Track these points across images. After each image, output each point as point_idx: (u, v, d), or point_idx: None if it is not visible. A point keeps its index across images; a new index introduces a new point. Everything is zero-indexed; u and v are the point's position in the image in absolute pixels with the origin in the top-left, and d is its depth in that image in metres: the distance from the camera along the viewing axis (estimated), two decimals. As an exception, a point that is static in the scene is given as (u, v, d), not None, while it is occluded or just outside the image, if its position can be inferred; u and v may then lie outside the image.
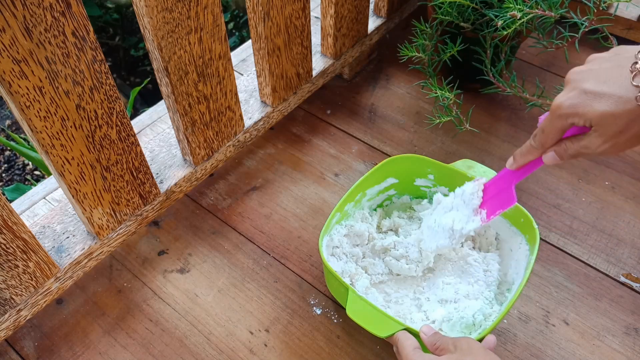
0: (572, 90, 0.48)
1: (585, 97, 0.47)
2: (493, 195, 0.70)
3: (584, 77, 0.48)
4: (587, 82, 0.47)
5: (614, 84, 0.45)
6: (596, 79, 0.47)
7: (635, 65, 0.44)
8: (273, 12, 0.80)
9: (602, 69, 0.47)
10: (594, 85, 0.46)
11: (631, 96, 0.44)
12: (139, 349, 0.76)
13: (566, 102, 0.48)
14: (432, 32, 0.93)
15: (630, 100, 0.44)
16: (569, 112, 0.48)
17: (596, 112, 0.46)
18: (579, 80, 0.48)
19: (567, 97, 0.48)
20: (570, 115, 0.49)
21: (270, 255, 0.86)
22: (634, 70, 0.44)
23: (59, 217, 0.77)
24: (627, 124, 0.46)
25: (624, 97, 0.45)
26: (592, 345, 0.75)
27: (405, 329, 0.62)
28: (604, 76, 0.47)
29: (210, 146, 0.85)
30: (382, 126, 1.04)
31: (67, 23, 0.55)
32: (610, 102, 0.45)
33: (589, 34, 0.85)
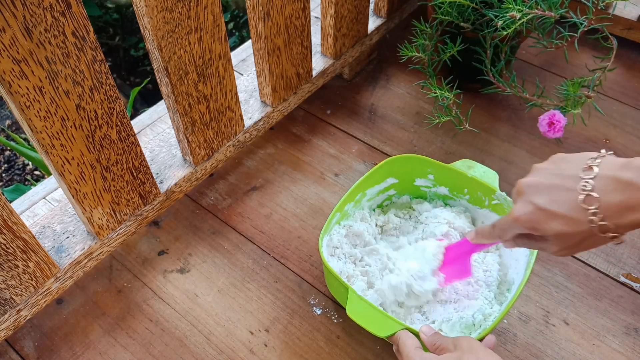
0: (527, 205, 0.51)
1: (540, 214, 0.49)
2: (452, 260, 0.71)
3: (536, 191, 0.50)
4: (539, 197, 0.50)
5: (564, 205, 0.48)
6: (548, 196, 0.49)
7: (584, 189, 0.46)
8: (273, 12, 0.80)
9: (551, 186, 0.49)
10: (546, 202, 0.49)
11: (583, 219, 0.47)
12: (139, 349, 0.76)
13: (524, 217, 0.51)
14: (432, 32, 0.93)
15: (583, 222, 0.47)
16: (527, 226, 0.51)
17: (552, 231, 0.49)
18: (532, 193, 0.50)
19: (524, 212, 0.51)
20: (528, 228, 0.52)
21: (270, 255, 0.86)
22: (582, 192, 0.46)
23: (59, 217, 0.77)
24: (581, 240, 0.49)
25: (575, 218, 0.47)
26: (592, 345, 0.75)
27: (405, 328, 0.62)
28: (554, 195, 0.49)
29: (210, 146, 0.85)
30: (382, 126, 1.04)
31: (67, 23, 0.55)
32: (563, 223, 0.48)
33: (588, 34, 0.85)
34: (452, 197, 0.84)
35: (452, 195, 0.84)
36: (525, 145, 1.00)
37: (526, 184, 0.52)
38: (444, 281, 0.71)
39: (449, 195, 0.84)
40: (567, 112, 0.87)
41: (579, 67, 1.12)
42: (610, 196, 0.45)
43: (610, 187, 0.45)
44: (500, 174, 0.81)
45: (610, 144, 1.00)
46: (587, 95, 0.86)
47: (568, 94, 0.86)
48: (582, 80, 0.86)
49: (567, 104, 0.87)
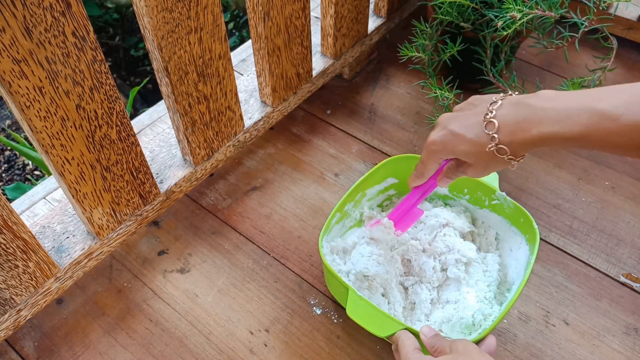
0: (442, 130, 0.59)
1: (452, 137, 0.57)
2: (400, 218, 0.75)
3: (450, 119, 0.58)
4: (452, 124, 0.58)
5: (471, 130, 0.56)
6: (459, 122, 0.57)
7: (486, 116, 0.54)
8: (273, 12, 0.80)
9: (464, 115, 0.58)
10: (458, 127, 0.57)
11: (484, 141, 0.55)
12: (139, 349, 0.76)
13: (437, 140, 0.59)
14: (432, 32, 0.93)
15: (485, 144, 0.55)
16: (440, 148, 0.59)
17: (460, 151, 0.58)
18: (447, 122, 0.58)
19: (438, 135, 0.59)
20: (441, 150, 0.59)
21: (270, 255, 0.86)
22: (485, 120, 0.54)
23: (59, 217, 0.77)
24: (487, 162, 0.57)
25: (478, 141, 0.55)
26: (592, 345, 0.75)
27: (405, 329, 0.62)
28: (464, 121, 0.57)
29: (210, 146, 0.85)
30: (382, 126, 1.04)
31: (67, 23, 0.55)
32: (469, 145, 0.56)
33: (588, 34, 0.85)
34: (452, 197, 0.84)
35: (452, 195, 0.84)
36: (525, 145, 1.00)
37: (444, 116, 0.60)
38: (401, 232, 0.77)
39: (449, 195, 0.84)
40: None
41: (579, 67, 1.12)
42: (507, 119, 0.53)
43: (508, 111, 0.53)
44: (500, 174, 0.81)
45: (610, 144, 1.00)
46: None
47: (568, 94, 0.86)
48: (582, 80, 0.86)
49: (567, 104, 0.87)
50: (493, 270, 0.76)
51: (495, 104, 0.55)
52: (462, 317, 0.70)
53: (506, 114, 0.53)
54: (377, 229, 0.77)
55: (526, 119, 0.52)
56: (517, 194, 0.92)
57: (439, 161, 0.62)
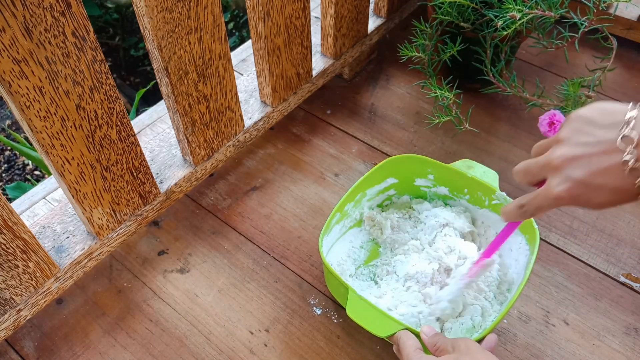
0: (566, 181, 0.48)
1: (585, 189, 0.47)
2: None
3: (571, 164, 0.47)
4: (578, 171, 0.47)
5: (609, 177, 0.45)
6: (588, 168, 0.46)
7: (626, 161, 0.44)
8: (273, 12, 0.80)
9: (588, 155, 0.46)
10: (587, 175, 0.46)
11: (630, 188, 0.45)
12: (139, 349, 0.76)
13: (566, 194, 0.48)
14: (432, 32, 0.93)
15: (628, 192, 0.45)
16: (570, 203, 0.49)
17: (598, 204, 0.47)
18: (568, 167, 0.48)
19: (567, 189, 0.48)
20: (571, 204, 0.49)
21: (270, 255, 0.86)
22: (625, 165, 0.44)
23: (59, 217, 0.77)
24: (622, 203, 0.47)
25: (621, 189, 0.45)
26: (592, 345, 0.75)
27: (405, 329, 0.62)
28: (594, 165, 0.46)
29: (210, 146, 0.85)
30: (382, 126, 1.04)
31: (67, 23, 0.55)
32: (610, 194, 0.46)
33: (588, 34, 0.85)
34: (452, 197, 0.84)
35: (452, 195, 0.84)
36: (525, 145, 1.00)
37: (561, 156, 0.48)
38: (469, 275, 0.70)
39: (449, 195, 0.84)
40: (568, 112, 0.87)
41: (579, 67, 1.12)
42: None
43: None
44: (500, 174, 0.81)
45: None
46: (588, 95, 0.86)
47: (568, 94, 0.86)
48: (582, 80, 0.86)
49: (567, 104, 0.87)
50: (493, 270, 0.76)
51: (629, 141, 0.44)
52: (462, 323, 0.70)
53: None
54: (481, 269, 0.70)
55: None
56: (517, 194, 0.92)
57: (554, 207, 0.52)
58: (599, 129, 0.47)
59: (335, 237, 0.80)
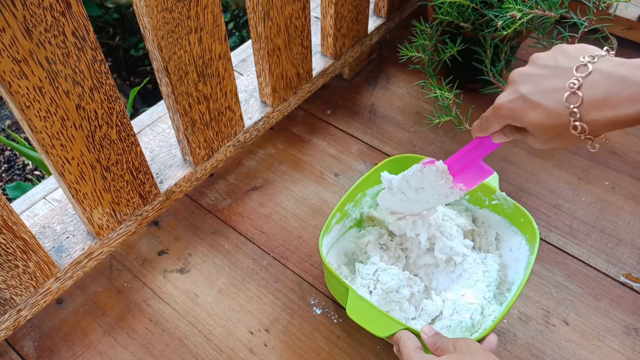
0: (513, 93, 0.50)
1: (523, 104, 0.49)
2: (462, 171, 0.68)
3: (525, 80, 0.50)
4: (527, 86, 0.49)
5: (548, 97, 0.47)
6: (535, 86, 0.48)
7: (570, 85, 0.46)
8: (273, 12, 0.80)
9: (541, 77, 0.49)
10: (532, 92, 0.48)
11: (561, 115, 0.46)
12: (139, 349, 0.76)
13: (506, 105, 0.51)
14: (432, 32, 0.93)
15: (561, 116, 0.46)
16: (507, 114, 0.51)
17: (530, 121, 0.49)
18: (520, 82, 0.50)
19: (508, 99, 0.51)
20: (508, 117, 0.51)
21: (270, 255, 0.86)
22: (568, 89, 0.46)
23: (59, 217, 0.77)
24: (555, 136, 0.49)
25: (555, 112, 0.47)
26: (592, 345, 0.75)
27: (405, 329, 0.62)
28: (542, 84, 0.48)
29: (210, 146, 0.85)
30: (382, 126, 1.04)
31: (67, 23, 0.55)
32: (542, 116, 0.48)
33: (588, 34, 0.85)
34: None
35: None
36: (525, 145, 1.00)
37: (518, 72, 0.51)
38: (466, 188, 0.69)
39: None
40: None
41: (579, 67, 1.12)
42: (595, 93, 0.44)
43: (598, 83, 0.44)
44: (500, 173, 0.81)
45: (610, 144, 1.00)
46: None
47: (568, 94, 0.86)
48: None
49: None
50: (493, 270, 0.76)
51: (584, 69, 0.45)
52: (460, 322, 0.70)
53: (595, 85, 0.44)
54: (428, 170, 0.68)
55: (618, 94, 0.43)
56: (517, 194, 0.92)
57: (503, 124, 0.54)
58: (564, 57, 0.49)
59: (335, 237, 0.80)
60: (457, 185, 0.69)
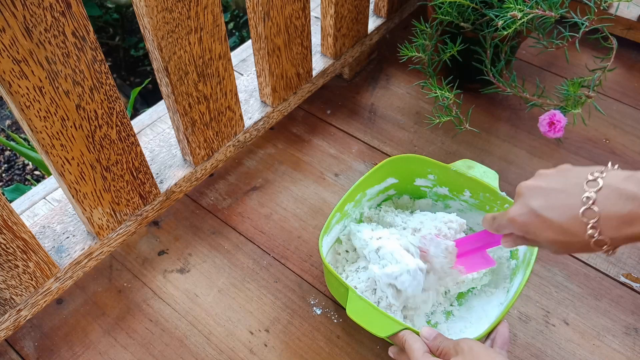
0: (523, 207, 0.50)
1: (536, 220, 0.49)
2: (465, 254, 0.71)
3: (533, 194, 0.50)
4: (537, 201, 0.49)
5: (563, 214, 0.47)
6: (545, 200, 0.48)
7: (585, 200, 0.45)
8: (273, 12, 0.80)
9: (551, 191, 0.48)
10: (543, 208, 0.48)
11: (580, 231, 0.46)
12: (139, 349, 0.76)
13: (519, 219, 0.51)
14: (432, 32, 0.93)
15: (579, 234, 0.46)
16: (521, 230, 0.51)
17: (545, 239, 0.49)
18: (530, 196, 0.50)
19: (520, 214, 0.50)
20: (522, 232, 0.51)
21: (270, 255, 0.86)
22: (583, 205, 0.45)
23: (59, 217, 0.77)
24: (573, 249, 0.48)
25: (571, 229, 0.46)
26: (592, 345, 0.75)
27: (406, 329, 0.62)
28: (553, 199, 0.48)
29: (210, 146, 0.85)
30: (382, 126, 1.04)
31: (67, 23, 0.55)
32: (558, 232, 0.47)
33: (589, 34, 0.85)
34: (452, 197, 0.84)
35: (452, 195, 0.84)
36: (525, 145, 1.00)
37: (526, 186, 0.51)
38: (465, 271, 0.72)
39: (448, 195, 0.84)
40: (568, 112, 0.87)
41: (579, 67, 1.12)
42: (611, 209, 0.44)
43: (611, 200, 0.44)
44: (500, 174, 0.81)
45: (610, 144, 1.00)
46: (587, 95, 0.86)
47: (568, 94, 0.86)
48: (582, 80, 0.86)
49: (567, 104, 0.87)
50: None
51: (594, 184, 0.45)
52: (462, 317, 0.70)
53: (608, 201, 0.44)
54: (437, 243, 0.71)
55: (632, 211, 0.43)
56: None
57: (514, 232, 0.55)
58: (572, 172, 0.49)
59: (335, 237, 0.80)
60: (458, 267, 0.71)
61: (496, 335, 0.62)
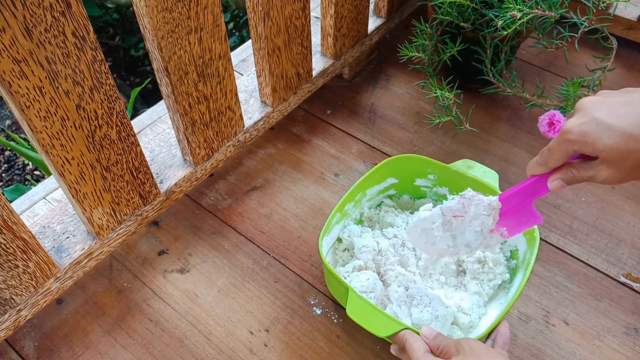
0: (583, 117, 0.47)
1: (597, 128, 0.46)
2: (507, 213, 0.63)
3: (597, 106, 0.47)
4: (600, 112, 0.46)
5: (625, 120, 0.45)
6: (609, 111, 0.46)
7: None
8: (273, 12, 0.80)
9: (614, 102, 0.47)
10: (606, 116, 0.46)
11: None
12: (139, 349, 0.76)
13: (577, 128, 0.48)
14: (432, 32, 0.93)
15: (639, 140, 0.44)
16: (578, 139, 0.48)
17: (606, 146, 0.46)
18: (591, 108, 0.47)
19: (579, 123, 0.47)
20: (578, 142, 0.48)
21: (270, 255, 0.86)
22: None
23: (59, 217, 0.77)
24: (635, 162, 0.46)
25: (635, 134, 0.44)
26: (592, 345, 0.75)
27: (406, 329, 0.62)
28: (616, 110, 0.46)
29: (210, 146, 0.85)
30: (382, 126, 1.04)
31: (67, 23, 0.55)
32: (621, 138, 0.45)
33: (588, 34, 0.85)
34: (452, 197, 0.84)
35: (453, 195, 0.84)
36: (525, 145, 1.00)
37: (586, 100, 0.48)
38: (508, 234, 0.64)
39: (449, 195, 0.84)
40: (567, 112, 0.87)
41: (579, 67, 1.12)
42: None
43: None
44: (500, 174, 0.81)
45: (610, 144, 1.00)
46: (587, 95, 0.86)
47: (568, 94, 0.86)
48: (582, 80, 0.86)
49: (567, 104, 0.87)
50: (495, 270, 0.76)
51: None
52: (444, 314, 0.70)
53: None
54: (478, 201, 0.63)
55: None
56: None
57: (569, 153, 0.50)
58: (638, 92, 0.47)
59: (335, 237, 0.80)
60: (500, 229, 0.64)
61: (497, 335, 0.62)
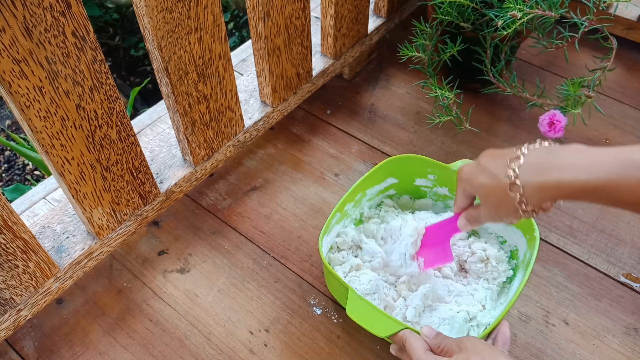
0: (474, 162, 0.58)
1: (477, 169, 0.56)
2: (430, 245, 0.73)
3: (487, 154, 0.57)
4: (485, 158, 0.57)
5: (495, 165, 0.54)
6: (491, 157, 0.56)
7: (516, 152, 0.52)
8: (273, 12, 0.80)
9: (500, 151, 0.56)
10: (486, 160, 0.56)
11: (502, 175, 0.52)
12: (139, 349, 0.76)
13: (465, 169, 0.59)
14: (432, 32, 0.93)
15: (501, 178, 0.52)
16: (463, 178, 0.59)
17: (478, 184, 0.56)
18: (482, 155, 0.57)
19: (469, 165, 0.58)
20: (464, 180, 0.59)
21: (270, 255, 0.86)
22: (512, 157, 0.52)
23: (59, 217, 0.77)
24: (498, 201, 0.54)
25: (498, 175, 0.53)
26: (592, 345, 0.75)
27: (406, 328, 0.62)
28: (497, 156, 0.55)
29: (210, 146, 0.85)
30: (382, 126, 1.04)
31: (67, 23, 0.55)
32: (488, 178, 0.55)
33: (588, 34, 0.85)
34: (452, 197, 0.84)
35: (452, 195, 0.84)
36: (525, 145, 1.00)
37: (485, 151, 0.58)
38: (424, 267, 0.73)
39: (449, 195, 0.84)
40: (568, 112, 0.87)
41: (579, 67, 1.12)
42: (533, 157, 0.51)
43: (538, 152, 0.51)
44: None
45: (610, 143, 1.00)
46: (587, 95, 0.86)
47: (568, 94, 0.86)
48: (582, 80, 0.86)
49: (567, 104, 0.87)
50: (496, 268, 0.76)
51: (533, 144, 0.52)
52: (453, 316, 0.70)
53: (534, 154, 0.51)
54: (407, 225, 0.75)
55: (551, 162, 0.49)
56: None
57: (467, 193, 0.61)
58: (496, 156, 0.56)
59: (335, 237, 0.80)
60: (419, 258, 0.73)
61: (497, 334, 0.62)
